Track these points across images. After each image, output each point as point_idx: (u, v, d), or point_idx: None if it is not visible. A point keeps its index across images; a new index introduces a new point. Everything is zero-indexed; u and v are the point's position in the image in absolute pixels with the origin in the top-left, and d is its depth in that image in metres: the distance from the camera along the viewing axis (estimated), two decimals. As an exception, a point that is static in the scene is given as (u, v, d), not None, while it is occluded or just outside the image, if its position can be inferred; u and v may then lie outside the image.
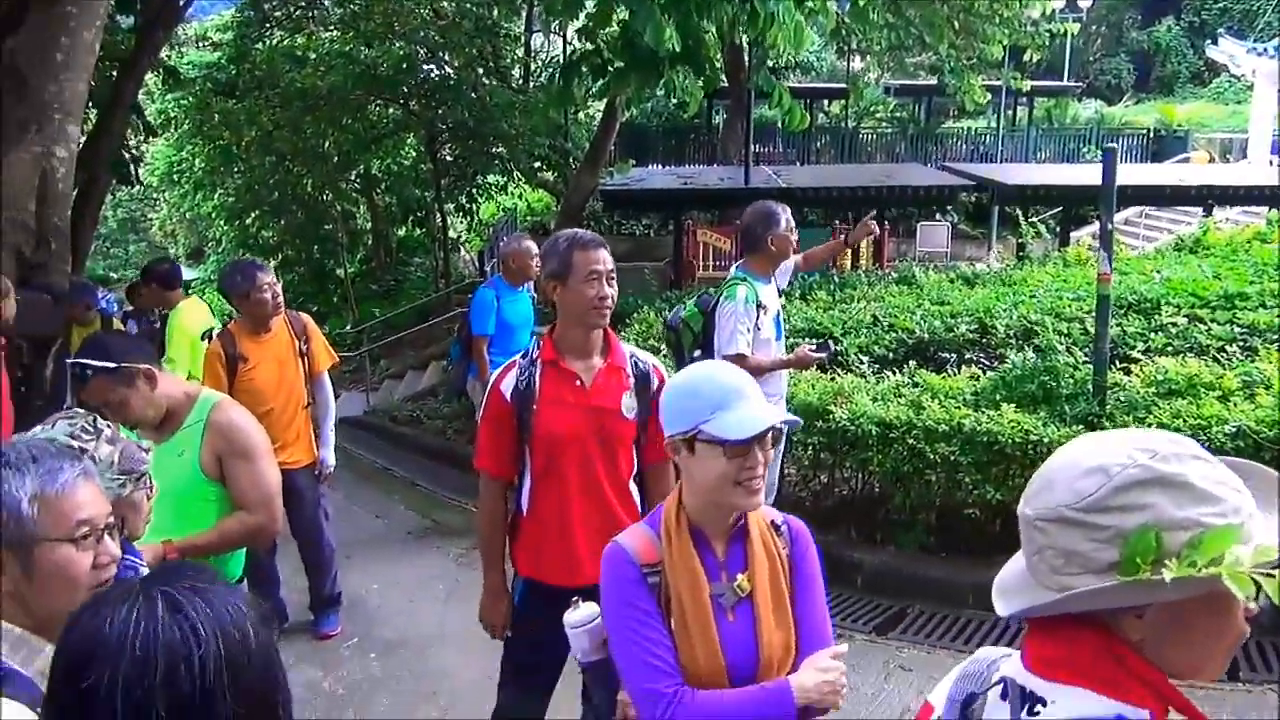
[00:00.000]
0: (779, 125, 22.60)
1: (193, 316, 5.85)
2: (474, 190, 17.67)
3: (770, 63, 17.53)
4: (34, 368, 5.63)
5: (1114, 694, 1.20)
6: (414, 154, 18.83)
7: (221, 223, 20.10)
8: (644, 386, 3.07)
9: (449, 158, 17.37)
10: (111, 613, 1.16)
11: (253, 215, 18.91)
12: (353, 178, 18.62)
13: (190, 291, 7.27)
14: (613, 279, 3.01)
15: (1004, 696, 1.30)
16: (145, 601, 1.17)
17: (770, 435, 2.02)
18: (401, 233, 20.38)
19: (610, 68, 8.91)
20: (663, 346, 6.04)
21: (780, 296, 5.11)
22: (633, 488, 3.13)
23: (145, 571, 2.09)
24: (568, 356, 3.04)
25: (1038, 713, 1.24)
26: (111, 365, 2.92)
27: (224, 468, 3.01)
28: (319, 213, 18.38)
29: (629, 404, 3.04)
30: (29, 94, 5.56)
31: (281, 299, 4.82)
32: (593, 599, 3.09)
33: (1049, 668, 1.26)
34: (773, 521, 2.18)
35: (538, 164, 16.66)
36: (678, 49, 8.33)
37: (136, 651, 1.13)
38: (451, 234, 18.83)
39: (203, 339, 5.57)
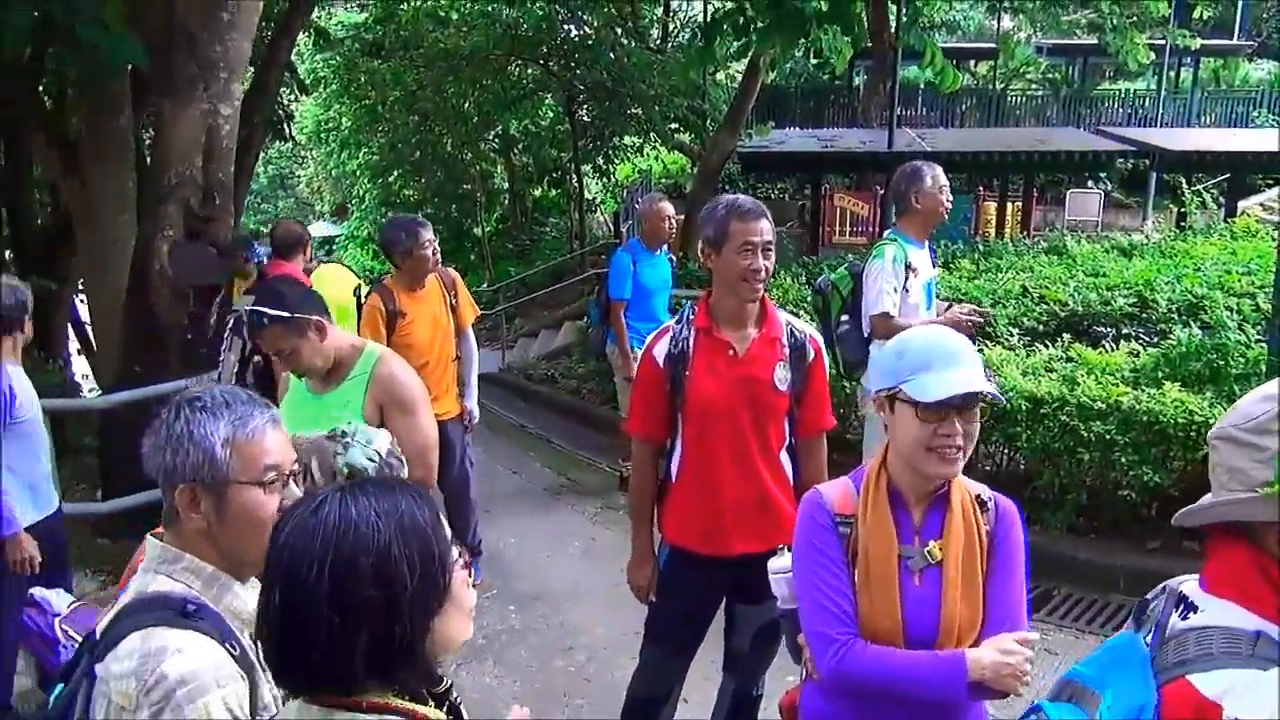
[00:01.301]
0: (921, 87, 21.95)
1: (334, 281, 5.98)
2: (610, 151, 17.70)
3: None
4: (200, 316, 5.89)
5: (1260, 610, 1.31)
6: (551, 114, 18.97)
7: (365, 181, 20.70)
8: (799, 358, 3.02)
9: (586, 118, 17.41)
10: (314, 511, 1.34)
11: (395, 174, 19.40)
12: (491, 138, 18.89)
13: (333, 249, 7.47)
14: (770, 250, 2.96)
15: (1171, 603, 1.43)
16: (338, 500, 1.36)
17: (976, 406, 1.98)
18: (537, 193, 20.63)
19: (754, 26, 8.78)
20: (800, 313, 5.95)
21: (935, 266, 4.94)
22: (785, 460, 3.10)
23: None
24: (722, 325, 3.01)
25: (1188, 617, 1.37)
26: (287, 315, 3.03)
27: (385, 419, 3.10)
28: (458, 172, 18.72)
29: (782, 375, 2.99)
30: (198, 53, 5.77)
31: (439, 256, 4.94)
32: (738, 569, 3.10)
33: (1211, 583, 1.39)
34: (979, 496, 2.12)
35: (674, 125, 16.58)
36: (824, 7, 8.15)
37: (334, 537, 1.31)
38: (587, 195, 18.94)
39: (354, 295, 5.74)
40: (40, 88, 8.27)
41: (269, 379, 4.68)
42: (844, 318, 4.87)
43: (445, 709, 1.48)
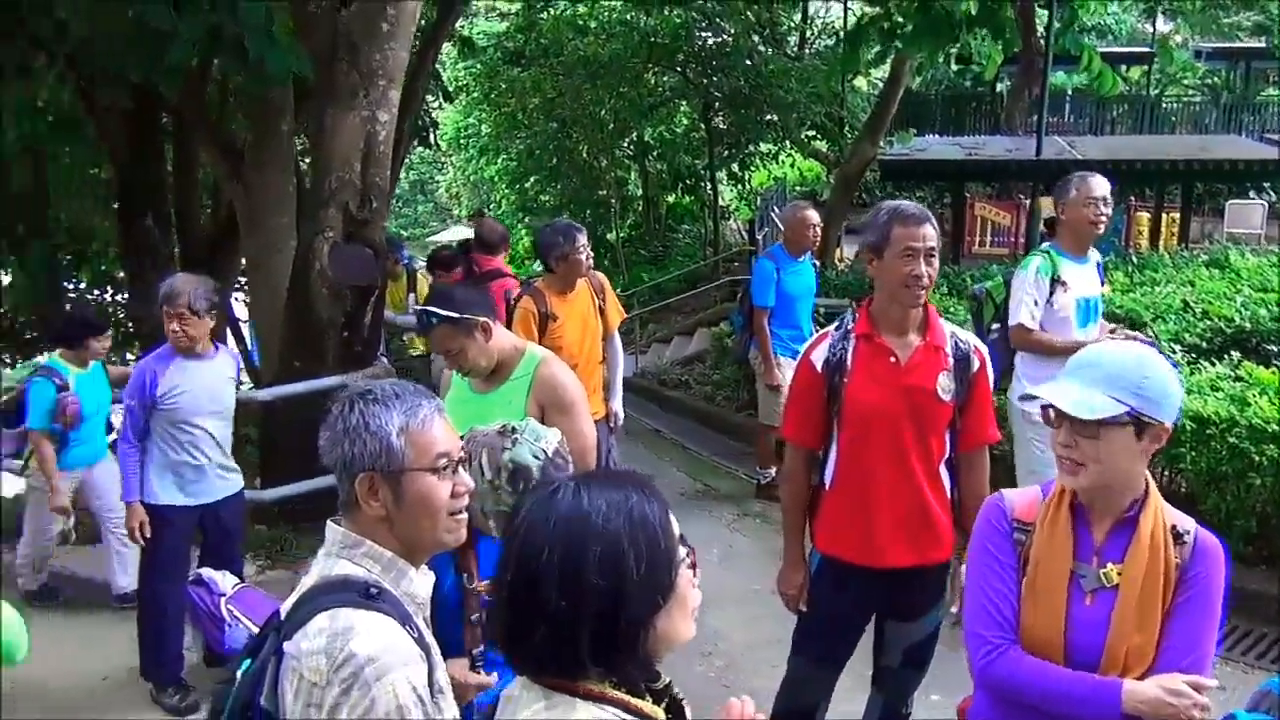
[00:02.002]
0: (1069, 93, 21.19)
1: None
2: (745, 158, 17.65)
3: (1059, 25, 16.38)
4: (356, 315, 6.11)
5: None
6: (686, 122, 19.03)
7: (503, 186, 21.15)
8: (964, 368, 2.95)
9: (721, 125, 17.41)
10: (549, 499, 1.41)
11: (532, 179, 19.76)
12: (626, 144, 19.06)
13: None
14: (933, 256, 2.89)
15: None
16: (572, 490, 1.42)
17: (1091, 426, 1.92)
18: (671, 199, 20.71)
19: (900, 31, 8.62)
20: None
21: (1105, 284, 4.74)
22: (944, 473, 3.02)
23: None
24: (883, 331, 2.96)
25: None
26: (455, 315, 3.11)
27: (545, 421, 3.15)
28: (593, 178, 18.95)
29: (945, 385, 2.92)
30: (359, 62, 5.99)
31: (592, 260, 5.02)
32: (891, 582, 3.04)
33: None
34: (1175, 527, 2.02)
35: (811, 132, 16.42)
36: (974, 10, 7.94)
37: (566, 526, 1.37)
38: (721, 202, 18.93)
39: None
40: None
41: None
42: (995, 326, 4.76)
43: (665, 705, 1.51)
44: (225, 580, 4.56)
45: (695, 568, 1.49)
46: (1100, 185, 4.44)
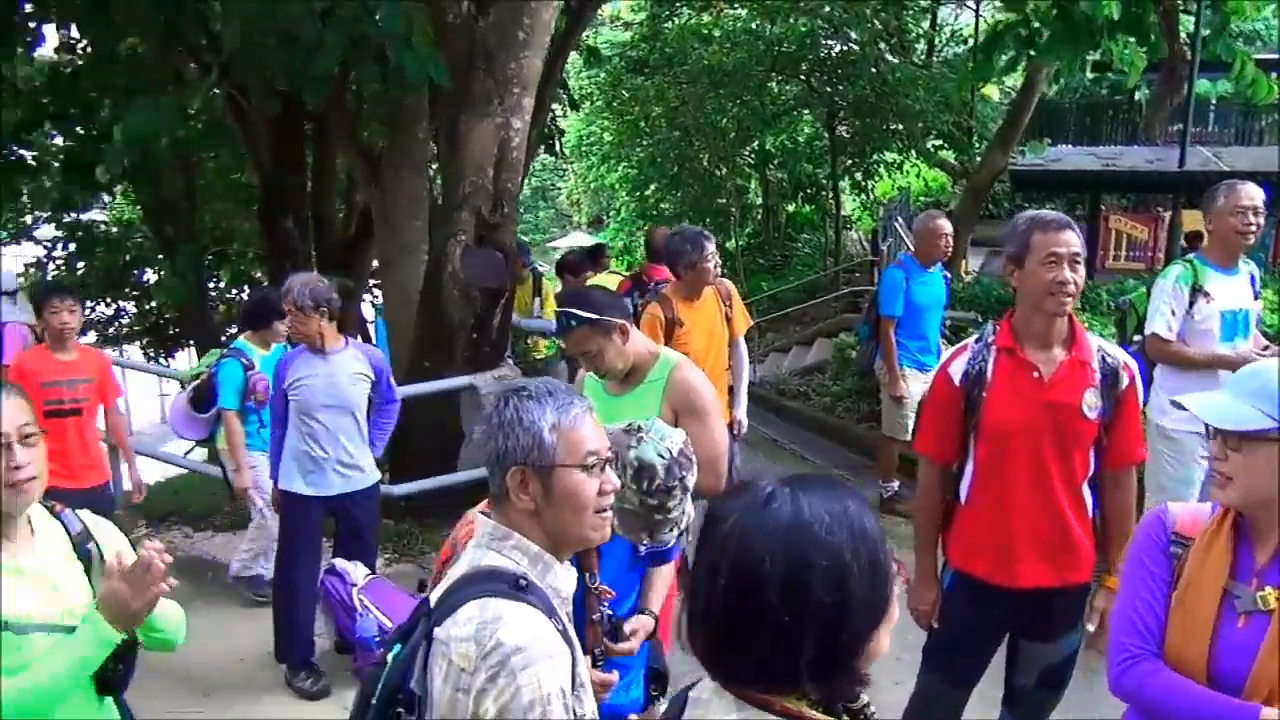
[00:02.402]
0: (1214, 101, 20.24)
1: (611, 287, 6.23)
2: (869, 167, 17.42)
3: (1209, 30, 15.66)
4: (485, 317, 6.25)
5: None
6: (809, 130, 18.87)
7: (624, 194, 21.32)
8: (1111, 384, 2.84)
9: (845, 134, 17.22)
10: (764, 504, 1.34)
11: (652, 187, 19.88)
12: (747, 153, 19.00)
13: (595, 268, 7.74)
14: (1078, 263, 2.80)
15: None
16: (788, 496, 1.35)
17: (1240, 436, 1.87)
18: (791, 208, 20.57)
19: (1038, 38, 8.37)
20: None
21: (1257, 297, 4.52)
22: (1087, 492, 2.92)
23: None
24: (1026, 345, 2.87)
25: None
26: (594, 317, 3.15)
27: (678, 425, 3.16)
28: (713, 186, 18.96)
29: (1092, 402, 2.82)
30: (495, 70, 6.14)
31: (720, 268, 5.02)
32: (1027, 602, 2.95)
33: None
34: None
35: (937, 142, 16.11)
36: (1116, 16, 7.66)
37: (788, 535, 1.31)
38: (843, 212, 18.72)
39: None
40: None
41: None
42: (1136, 337, 4.60)
43: None
44: (357, 571, 4.73)
45: (908, 582, 1.46)
46: (1250, 193, 4.23)
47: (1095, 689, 3.64)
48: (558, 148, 13.52)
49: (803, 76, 17.02)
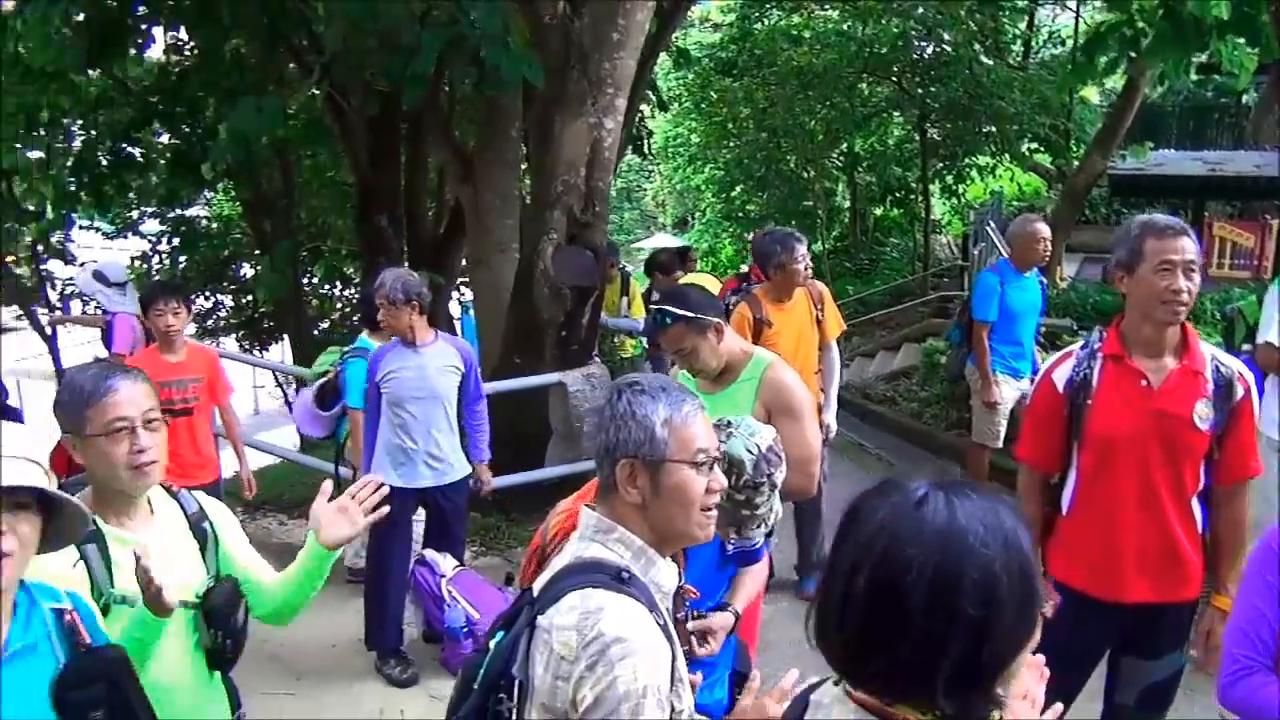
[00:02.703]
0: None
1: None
2: (960, 171, 17.10)
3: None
4: (575, 315, 6.30)
5: None
6: (899, 133, 18.60)
7: (709, 195, 21.27)
8: (1225, 395, 2.75)
9: (936, 137, 16.92)
10: (916, 506, 1.28)
11: (738, 189, 19.79)
12: (836, 155, 18.81)
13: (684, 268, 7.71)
14: (1192, 271, 2.71)
15: None
16: (941, 500, 1.28)
17: None
18: (879, 212, 20.30)
19: (1143, 39, 8.14)
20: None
21: None
22: (1196, 506, 2.83)
23: None
24: (1134, 353, 2.80)
25: None
26: (690, 315, 3.17)
27: (771, 424, 3.15)
28: (799, 189, 18.79)
29: (1203, 413, 2.73)
30: (589, 70, 6.19)
31: (810, 269, 4.99)
32: (1131, 618, 2.87)
33: None
34: None
35: (1033, 145, 15.73)
36: (1225, 16, 7.40)
37: (940, 541, 1.24)
38: (933, 216, 18.40)
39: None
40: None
41: None
42: (1245, 346, 4.45)
43: None
44: (446, 562, 4.81)
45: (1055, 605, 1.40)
46: None
47: (1196, 708, 3.53)
48: (647, 149, 13.58)
49: (894, 78, 16.78)
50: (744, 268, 6.56)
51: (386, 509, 2.36)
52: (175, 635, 2.13)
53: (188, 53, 10.57)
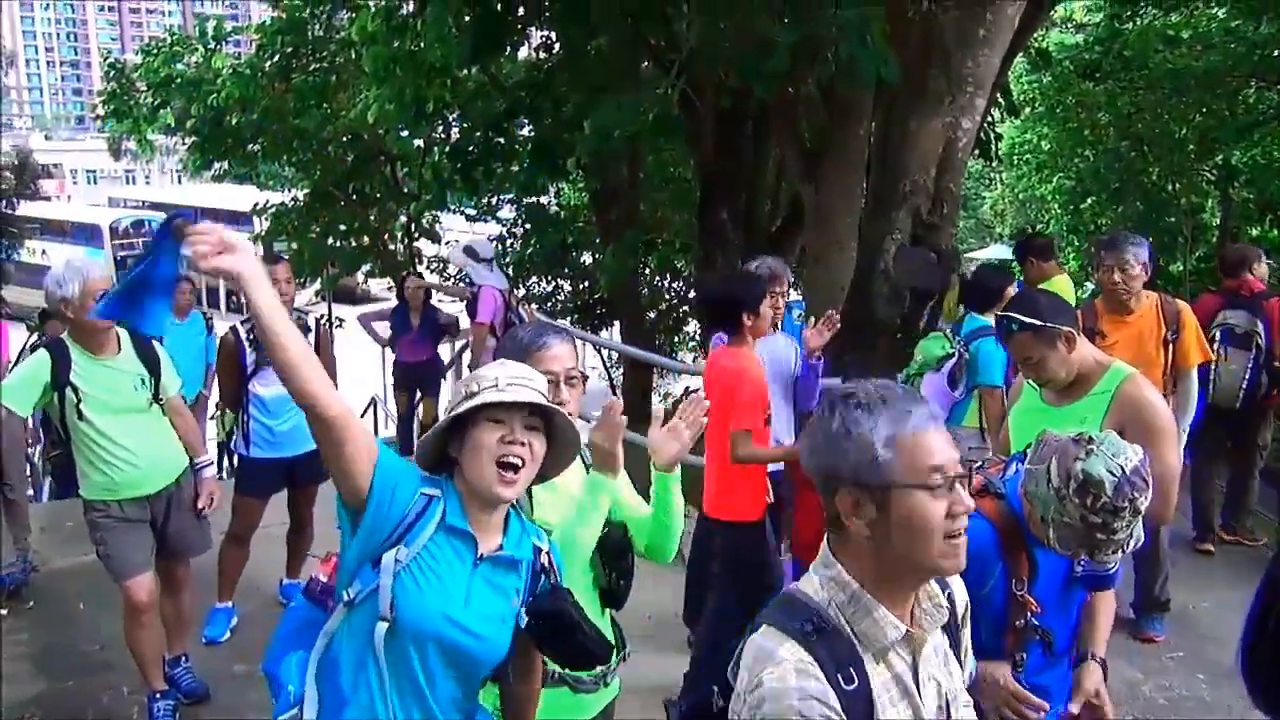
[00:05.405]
0: None
1: (1064, 290, 5.92)
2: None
3: None
4: (911, 318, 6.16)
5: None
6: (1291, 144, 16.63)
7: (1056, 207, 20.04)
8: None
9: (1334, 150, 14.98)
10: None
11: (1089, 200, 18.51)
12: (1207, 168, 17.12)
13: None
14: None
15: None
16: None
17: None
18: (1254, 232, 18.24)
19: None
20: None
21: None
22: None
23: None
24: None
25: None
26: (1038, 324, 3.02)
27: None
28: (1161, 203, 17.30)
29: None
30: (950, 67, 5.99)
31: (1146, 278, 4.65)
32: None
33: None
34: None
35: None
36: None
37: None
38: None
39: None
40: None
41: None
42: None
43: None
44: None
45: None
46: None
47: None
48: (995, 154, 13.01)
49: (1287, 84, 15.02)
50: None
51: None
52: (577, 575, 2.38)
53: (555, 51, 11.35)
